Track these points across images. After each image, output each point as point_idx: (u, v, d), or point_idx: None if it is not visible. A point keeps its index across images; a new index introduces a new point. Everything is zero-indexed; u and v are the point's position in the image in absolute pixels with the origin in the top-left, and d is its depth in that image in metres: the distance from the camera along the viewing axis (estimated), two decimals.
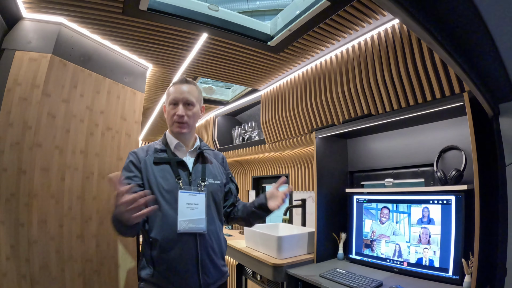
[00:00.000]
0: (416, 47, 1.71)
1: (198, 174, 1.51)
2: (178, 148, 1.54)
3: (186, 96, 1.51)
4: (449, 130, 1.81)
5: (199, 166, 1.54)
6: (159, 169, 1.45)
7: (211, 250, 1.45)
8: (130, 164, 1.46)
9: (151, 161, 1.46)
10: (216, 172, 1.60)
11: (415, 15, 0.70)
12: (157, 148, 1.52)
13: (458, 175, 1.65)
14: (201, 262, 1.40)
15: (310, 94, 2.46)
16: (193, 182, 1.47)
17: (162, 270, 1.36)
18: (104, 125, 2.04)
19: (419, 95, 1.76)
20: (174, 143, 1.53)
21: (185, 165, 1.50)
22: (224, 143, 4.06)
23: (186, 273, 1.37)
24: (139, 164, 1.45)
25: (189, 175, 1.49)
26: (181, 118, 1.50)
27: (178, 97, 1.50)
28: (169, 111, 1.52)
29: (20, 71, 1.69)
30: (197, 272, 1.39)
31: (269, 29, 2.14)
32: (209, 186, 1.52)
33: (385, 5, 0.68)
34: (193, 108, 1.54)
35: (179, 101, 1.50)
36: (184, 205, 1.41)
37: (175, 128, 1.51)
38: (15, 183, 1.59)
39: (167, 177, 1.44)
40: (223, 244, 1.55)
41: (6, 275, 1.51)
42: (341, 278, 1.74)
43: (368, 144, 2.35)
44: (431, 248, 1.72)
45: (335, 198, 2.34)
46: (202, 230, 1.41)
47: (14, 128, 1.63)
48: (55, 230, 1.70)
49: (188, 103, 1.52)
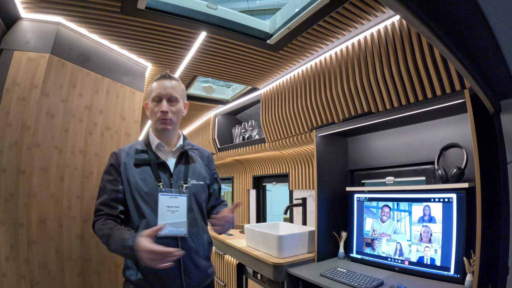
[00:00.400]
0: (416, 44, 1.70)
1: (180, 175, 1.48)
2: (159, 148, 1.51)
3: (170, 91, 1.47)
4: (450, 127, 1.80)
5: (182, 167, 1.50)
6: (139, 171, 1.42)
7: (193, 252, 1.42)
8: (110, 167, 1.44)
9: (132, 163, 1.43)
10: (200, 172, 1.55)
11: (415, 10, 0.69)
12: (138, 148, 1.48)
13: (459, 173, 1.64)
14: (183, 265, 1.38)
15: (310, 92, 2.45)
16: (174, 184, 1.44)
17: (145, 273, 1.35)
18: (103, 124, 2.03)
19: (419, 92, 1.75)
20: (156, 143, 1.50)
21: (166, 166, 1.46)
22: (224, 142, 4.05)
23: (169, 276, 1.36)
24: (119, 168, 1.42)
25: (170, 176, 1.45)
26: (165, 114, 1.46)
27: (162, 92, 1.46)
28: (152, 107, 1.48)
29: (19, 71, 1.68)
30: (180, 275, 1.38)
31: (268, 27, 2.13)
32: (191, 187, 1.48)
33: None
34: (177, 104, 1.51)
35: (163, 97, 1.47)
36: (165, 208, 1.38)
37: (159, 125, 1.48)
38: (14, 183, 1.59)
39: (148, 179, 1.41)
40: (206, 246, 1.53)
41: (5, 275, 1.51)
42: (342, 277, 1.73)
43: (368, 142, 2.34)
44: (432, 247, 1.71)
45: (335, 197, 2.33)
46: (183, 233, 1.39)
47: (13, 128, 1.62)
48: (54, 230, 1.70)
49: (172, 99, 1.49)
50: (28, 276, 1.54)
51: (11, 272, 1.52)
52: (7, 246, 1.53)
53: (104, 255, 1.90)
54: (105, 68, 2.09)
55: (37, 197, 1.64)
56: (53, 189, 1.72)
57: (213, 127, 4.11)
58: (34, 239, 1.60)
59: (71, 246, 1.76)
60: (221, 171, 4.67)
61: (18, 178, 1.60)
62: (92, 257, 1.85)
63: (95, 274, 1.86)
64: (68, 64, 1.84)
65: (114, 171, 1.43)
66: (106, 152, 2.02)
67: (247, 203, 3.94)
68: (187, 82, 2.93)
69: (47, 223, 1.67)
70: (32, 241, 1.59)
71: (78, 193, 1.84)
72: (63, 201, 1.76)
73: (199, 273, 1.45)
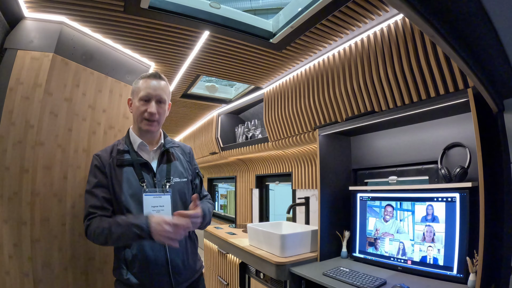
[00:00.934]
0: (419, 42, 1.69)
1: (163, 174, 1.48)
2: (141, 147, 1.51)
3: (160, 93, 1.48)
4: (453, 127, 1.80)
5: (164, 166, 1.51)
6: (122, 172, 1.42)
7: (180, 249, 1.44)
8: (95, 169, 1.44)
9: (115, 164, 1.43)
10: (183, 169, 1.56)
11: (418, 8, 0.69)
12: (120, 149, 1.47)
13: (463, 172, 1.63)
14: (171, 262, 1.40)
15: (313, 91, 2.45)
16: (158, 184, 1.45)
17: (134, 272, 1.37)
18: (106, 123, 2.04)
19: (422, 91, 1.74)
20: (138, 143, 1.50)
21: (149, 167, 1.47)
22: (227, 141, 4.05)
23: (158, 274, 1.38)
24: (104, 169, 1.43)
25: (154, 176, 1.46)
26: (153, 115, 1.46)
27: (152, 93, 1.46)
28: (139, 107, 1.47)
29: (22, 70, 1.69)
30: (168, 273, 1.40)
31: (271, 26, 2.12)
32: (174, 185, 1.49)
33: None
34: (164, 106, 1.52)
35: (152, 98, 1.46)
36: (150, 208, 1.40)
37: (144, 125, 1.47)
38: (18, 181, 1.59)
39: (131, 180, 1.41)
40: (193, 241, 1.56)
41: (9, 273, 1.52)
42: (344, 277, 1.73)
43: (371, 142, 2.33)
44: (435, 246, 1.71)
45: (338, 196, 2.33)
46: None
47: (16, 127, 1.63)
48: (58, 229, 1.70)
49: (161, 100, 1.49)
50: (31, 274, 1.55)
51: (14, 270, 1.53)
52: (11, 244, 1.54)
53: (107, 253, 1.91)
54: (109, 67, 2.09)
55: (41, 195, 1.65)
56: (57, 188, 1.73)
57: (216, 127, 4.11)
58: (38, 238, 1.60)
59: (75, 244, 1.76)
60: (224, 170, 4.68)
61: (22, 176, 1.60)
62: (96, 255, 1.86)
63: (99, 272, 1.86)
64: (72, 63, 1.85)
65: (99, 173, 1.43)
66: None
67: (250, 202, 3.94)
68: (190, 81, 2.93)
69: (50, 222, 1.67)
70: (36, 239, 1.59)
71: (82, 192, 1.84)
72: (66, 199, 1.76)
73: (187, 269, 1.48)
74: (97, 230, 1.32)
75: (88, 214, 1.38)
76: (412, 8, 0.68)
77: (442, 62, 1.60)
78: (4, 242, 1.54)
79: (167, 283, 1.40)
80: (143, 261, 1.37)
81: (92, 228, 1.34)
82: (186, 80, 2.90)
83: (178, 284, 1.44)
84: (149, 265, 1.37)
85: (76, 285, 1.75)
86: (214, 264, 3.28)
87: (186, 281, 1.48)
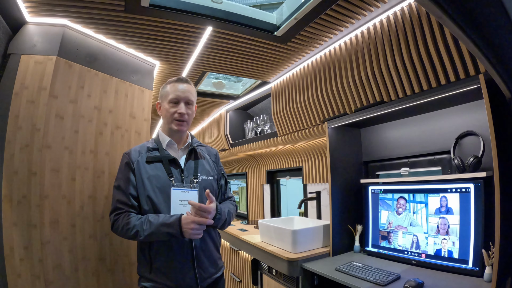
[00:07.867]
0: (427, 28, 1.63)
1: (190, 170, 1.55)
2: (170, 145, 1.59)
3: (188, 95, 1.57)
4: (465, 115, 1.73)
5: (191, 163, 1.58)
6: (151, 168, 1.49)
7: (205, 245, 1.50)
8: (125, 166, 1.51)
9: (144, 161, 1.50)
10: (209, 168, 1.63)
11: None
12: (150, 147, 1.56)
13: (476, 162, 1.57)
14: (196, 257, 1.45)
15: (320, 83, 2.40)
16: (185, 179, 1.52)
17: (159, 267, 1.42)
18: (113, 124, 2.04)
19: (432, 79, 1.68)
20: (166, 141, 1.57)
21: (177, 163, 1.54)
22: (237, 137, 4.04)
23: (183, 269, 1.43)
24: (132, 166, 1.49)
25: (181, 172, 1.53)
26: (182, 116, 1.55)
27: (181, 95, 1.55)
28: (169, 109, 1.55)
29: (27, 74, 1.70)
30: (193, 267, 1.44)
31: (275, 19, 2.08)
32: (201, 182, 1.56)
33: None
34: (192, 107, 1.61)
35: (181, 100, 1.56)
36: (177, 202, 1.46)
37: (174, 125, 1.55)
38: (26, 185, 1.61)
39: (160, 175, 1.48)
40: (216, 238, 1.61)
41: (20, 276, 1.54)
42: (357, 272, 1.70)
43: (382, 133, 2.28)
44: (450, 239, 1.66)
45: (350, 190, 2.28)
46: None
47: (23, 131, 1.64)
48: (67, 230, 1.72)
49: (189, 102, 1.58)
50: (42, 276, 1.57)
51: (25, 273, 1.55)
52: (21, 247, 1.56)
53: (118, 253, 1.92)
54: (113, 67, 2.09)
55: (49, 198, 1.66)
56: (65, 190, 1.74)
57: (225, 123, 4.10)
58: (48, 240, 1.62)
59: (85, 245, 1.78)
60: (234, 166, 4.67)
61: (30, 179, 1.62)
62: (106, 256, 1.87)
63: (109, 273, 1.87)
64: (76, 65, 1.85)
65: (128, 170, 1.49)
66: (117, 151, 2.03)
67: (262, 198, 3.93)
68: (196, 78, 2.91)
69: (60, 224, 1.69)
70: (46, 241, 1.61)
71: (90, 193, 1.86)
72: (75, 201, 1.77)
73: (211, 265, 1.53)
74: (126, 226, 1.38)
75: (115, 209, 1.45)
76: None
77: (452, 47, 1.54)
78: (14, 245, 1.55)
79: (192, 278, 1.44)
80: (168, 256, 1.41)
81: (120, 223, 1.40)
82: (192, 78, 2.88)
83: (203, 280, 1.47)
84: (173, 261, 1.42)
85: (87, 286, 1.76)
86: (227, 261, 3.28)
87: (209, 277, 1.52)
